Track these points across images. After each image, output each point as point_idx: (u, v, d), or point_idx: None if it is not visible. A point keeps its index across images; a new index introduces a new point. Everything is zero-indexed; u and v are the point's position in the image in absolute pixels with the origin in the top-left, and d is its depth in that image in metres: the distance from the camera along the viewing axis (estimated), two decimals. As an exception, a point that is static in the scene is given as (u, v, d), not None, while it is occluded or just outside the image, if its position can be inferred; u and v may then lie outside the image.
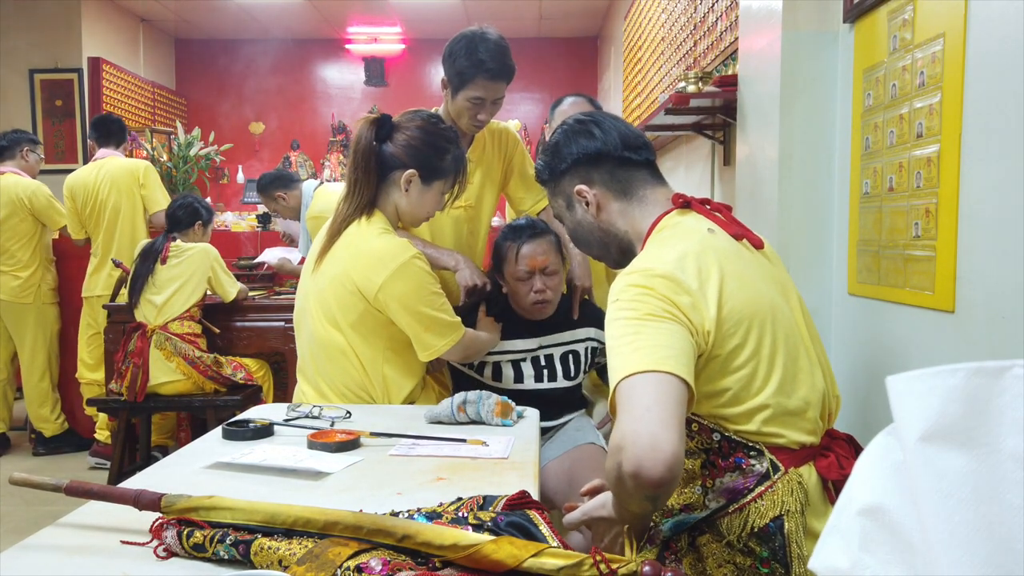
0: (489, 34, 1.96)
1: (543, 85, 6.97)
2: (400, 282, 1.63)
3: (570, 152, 1.31)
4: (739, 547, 1.13)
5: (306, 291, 1.76)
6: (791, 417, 1.13)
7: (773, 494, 1.11)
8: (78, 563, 0.89)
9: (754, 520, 1.10)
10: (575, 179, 1.32)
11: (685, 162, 3.41)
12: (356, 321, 1.67)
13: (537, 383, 1.97)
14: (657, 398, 0.97)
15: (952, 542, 0.45)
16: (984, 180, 1.17)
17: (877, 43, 1.51)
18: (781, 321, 1.15)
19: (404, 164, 1.71)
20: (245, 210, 6.10)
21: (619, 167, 1.30)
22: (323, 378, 1.72)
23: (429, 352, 1.69)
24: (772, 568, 1.10)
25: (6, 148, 3.98)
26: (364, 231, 1.69)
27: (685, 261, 1.12)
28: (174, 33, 6.93)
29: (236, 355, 3.30)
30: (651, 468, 0.92)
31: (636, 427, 0.95)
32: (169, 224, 3.23)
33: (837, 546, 0.54)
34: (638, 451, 0.93)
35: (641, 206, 1.29)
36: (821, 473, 1.14)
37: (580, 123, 1.33)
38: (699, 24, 3.11)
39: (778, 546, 1.09)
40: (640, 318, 1.06)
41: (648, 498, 0.97)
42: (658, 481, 0.93)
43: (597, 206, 1.30)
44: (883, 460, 0.53)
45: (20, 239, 3.87)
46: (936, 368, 0.48)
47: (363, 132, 1.70)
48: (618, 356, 1.04)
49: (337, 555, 0.82)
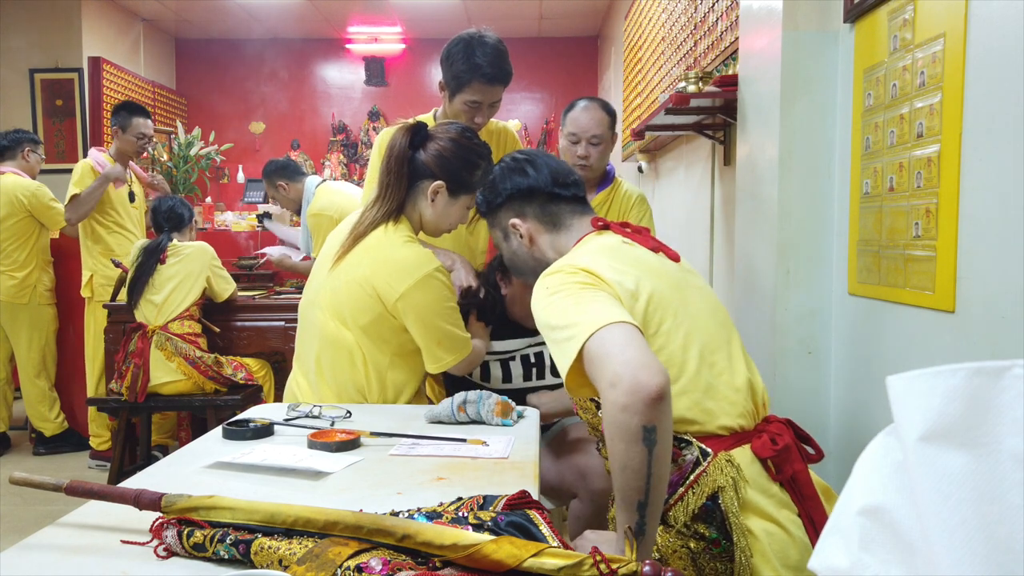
0: (487, 38, 1.96)
1: (543, 85, 6.97)
2: (421, 293, 1.64)
3: (505, 188, 1.44)
4: (689, 533, 1.17)
5: (319, 285, 1.75)
6: (713, 403, 1.20)
7: (706, 476, 1.17)
8: (78, 563, 0.89)
9: (693, 503, 1.16)
10: (509, 213, 1.45)
11: (685, 162, 3.41)
12: (368, 324, 1.67)
13: (526, 381, 1.98)
14: (628, 340, 1.03)
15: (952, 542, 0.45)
16: (984, 180, 1.17)
17: (877, 43, 1.51)
18: (695, 315, 1.25)
19: (433, 175, 1.71)
20: (245, 210, 6.09)
21: (549, 202, 1.42)
22: (324, 372, 1.72)
23: (439, 365, 1.71)
24: (724, 546, 1.15)
25: (7, 148, 3.98)
26: (390, 237, 1.69)
27: (598, 258, 1.23)
28: (174, 33, 6.93)
29: (236, 355, 3.30)
30: (648, 380, 0.97)
31: (624, 358, 1.00)
32: (170, 224, 3.23)
33: (837, 546, 0.54)
34: (633, 371, 0.98)
35: (567, 233, 1.41)
36: (755, 452, 1.21)
37: (515, 161, 1.46)
38: (699, 24, 3.10)
39: (720, 521, 1.16)
40: (575, 293, 1.15)
41: (647, 430, 0.98)
42: (658, 391, 0.97)
43: (530, 238, 1.43)
44: (883, 460, 0.53)
45: (17, 239, 3.87)
46: (936, 368, 0.48)
47: (398, 138, 1.71)
48: (567, 328, 1.09)
49: (337, 555, 0.82)
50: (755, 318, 1.90)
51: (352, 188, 3.68)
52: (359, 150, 7.04)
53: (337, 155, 6.98)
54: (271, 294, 3.65)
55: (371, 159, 2.18)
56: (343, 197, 3.47)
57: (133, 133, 3.70)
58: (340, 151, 7.01)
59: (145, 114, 3.76)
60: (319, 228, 3.44)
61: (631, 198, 2.49)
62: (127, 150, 3.76)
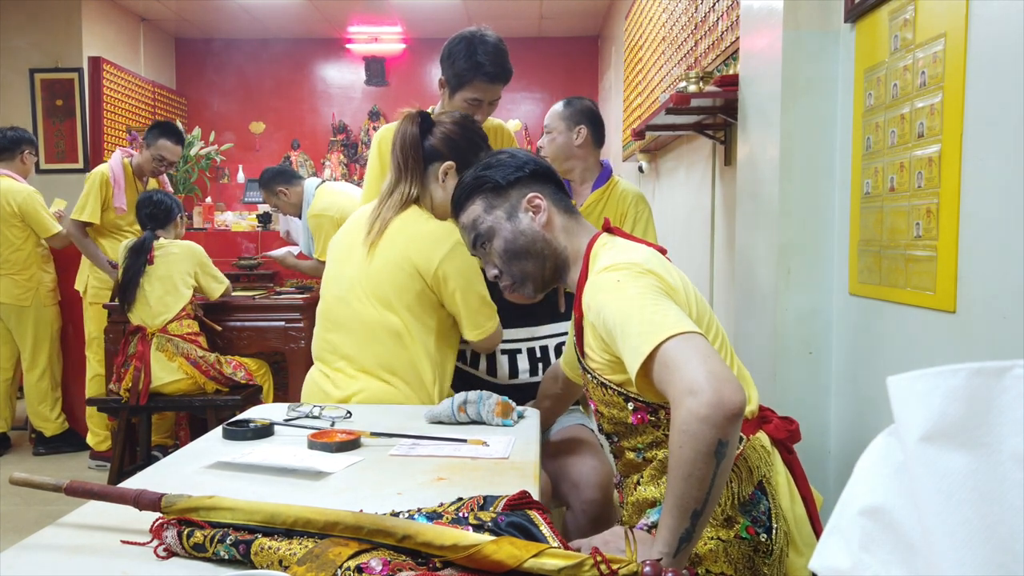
0: (488, 36, 1.97)
1: (543, 85, 6.97)
2: (458, 258, 1.70)
3: (526, 163, 1.40)
4: (720, 522, 1.17)
5: (351, 278, 1.75)
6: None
7: (746, 461, 1.19)
8: (78, 563, 0.89)
9: (740, 491, 1.17)
10: (527, 188, 1.38)
11: (686, 162, 3.41)
12: (413, 302, 1.71)
13: (533, 376, 1.97)
14: (709, 352, 1.03)
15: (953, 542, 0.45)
16: (985, 180, 1.17)
17: (878, 43, 1.51)
18: (707, 312, 1.29)
19: (443, 156, 1.76)
20: (245, 210, 6.10)
21: (560, 189, 1.42)
22: (366, 362, 1.72)
23: (479, 331, 1.74)
24: (757, 533, 1.16)
25: (5, 149, 3.96)
26: (415, 217, 1.75)
27: (652, 263, 1.22)
28: (174, 33, 6.93)
29: (236, 355, 3.30)
30: (731, 396, 0.96)
31: (707, 368, 0.99)
32: (153, 222, 3.17)
33: (838, 546, 0.54)
34: (718, 384, 0.97)
35: (579, 226, 1.39)
36: (770, 435, 1.26)
37: (523, 152, 1.45)
38: (700, 24, 3.10)
39: (763, 510, 1.17)
40: (651, 292, 1.14)
41: (721, 444, 0.97)
42: (739, 408, 0.97)
43: (548, 217, 1.36)
44: (884, 460, 0.53)
45: (11, 244, 3.86)
46: (937, 368, 0.48)
47: (407, 127, 1.76)
48: (642, 325, 1.08)
49: (337, 555, 0.82)
50: (756, 318, 1.90)
51: (352, 188, 3.69)
52: (359, 150, 7.04)
53: (337, 155, 6.98)
54: (271, 294, 3.65)
55: (370, 159, 2.17)
56: (344, 197, 3.48)
57: (155, 153, 3.69)
58: (340, 151, 7.01)
59: (175, 138, 3.72)
60: (320, 228, 3.44)
61: (628, 197, 2.47)
62: (145, 168, 3.76)
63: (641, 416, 1.23)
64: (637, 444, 1.28)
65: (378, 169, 2.11)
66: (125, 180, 3.70)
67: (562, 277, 1.38)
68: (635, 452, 1.29)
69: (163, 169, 3.77)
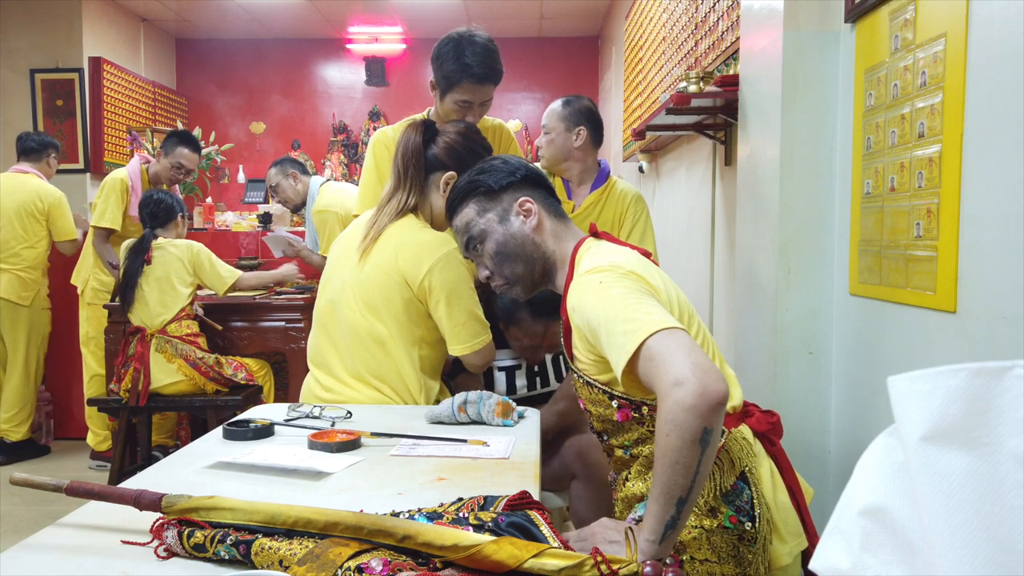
0: (477, 37, 1.95)
1: (543, 85, 6.97)
2: (446, 270, 1.69)
3: (518, 168, 1.43)
4: (704, 511, 1.20)
5: (343, 282, 1.76)
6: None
7: (728, 454, 1.22)
8: (78, 563, 0.89)
9: (722, 481, 1.20)
10: (518, 193, 1.42)
11: (686, 162, 3.41)
12: (400, 311, 1.70)
13: (531, 391, 1.98)
14: (692, 346, 1.06)
15: (953, 542, 0.45)
16: (986, 180, 1.17)
17: (878, 43, 1.51)
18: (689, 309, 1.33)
19: (445, 166, 1.76)
20: (245, 210, 6.09)
21: (551, 194, 1.45)
22: (357, 369, 1.72)
23: (463, 346, 1.72)
24: (740, 522, 1.19)
25: (34, 150, 4.02)
26: (410, 225, 1.75)
27: (634, 264, 1.26)
28: (175, 33, 6.92)
29: (237, 355, 3.30)
30: (715, 386, 0.99)
31: (692, 361, 1.02)
32: (153, 221, 3.17)
33: (838, 547, 0.54)
34: (702, 374, 1.00)
35: (568, 231, 1.42)
36: (752, 427, 1.28)
37: (516, 158, 1.49)
38: (700, 24, 3.10)
39: (746, 499, 1.20)
40: (633, 292, 1.17)
41: (706, 432, 1.00)
42: (723, 397, 1.00)
43: (538, 221, 1.39)
44: (884, 461, 0.53)
45: (28, 241, 3.88)
46: (937, 369, 0.48)
47: (411, 135, 1.77)
48: (627, 323, 1.11)
49: (338, 555, 0.82)
50: (756, 318, 1.90)
51: (354, 188, 3.70)
52: (359, 150, 7.04)
53: (338, 155, 6.97)
54: (271, 294, 3.65)
55: (366, 162, 2.15)
56: (347, 195, 3.53)
57: (172, 160, 3.70)
58: (341, 151, 7.00)
59: (192, 147, 3.74)
60: (324, 224, 3.50)
61: (626, 198, 2.45)
62: (161, 175, 3.76)
63: (625, 413, 1.27)
64: (624, 441, 1.31)
65: (373, 174, 2.10)
66: (142, 187, 3.72)
67: (551, 280, 1.41)
68: (623, 449, 1.33)
69: (181, 177, 3.78)
